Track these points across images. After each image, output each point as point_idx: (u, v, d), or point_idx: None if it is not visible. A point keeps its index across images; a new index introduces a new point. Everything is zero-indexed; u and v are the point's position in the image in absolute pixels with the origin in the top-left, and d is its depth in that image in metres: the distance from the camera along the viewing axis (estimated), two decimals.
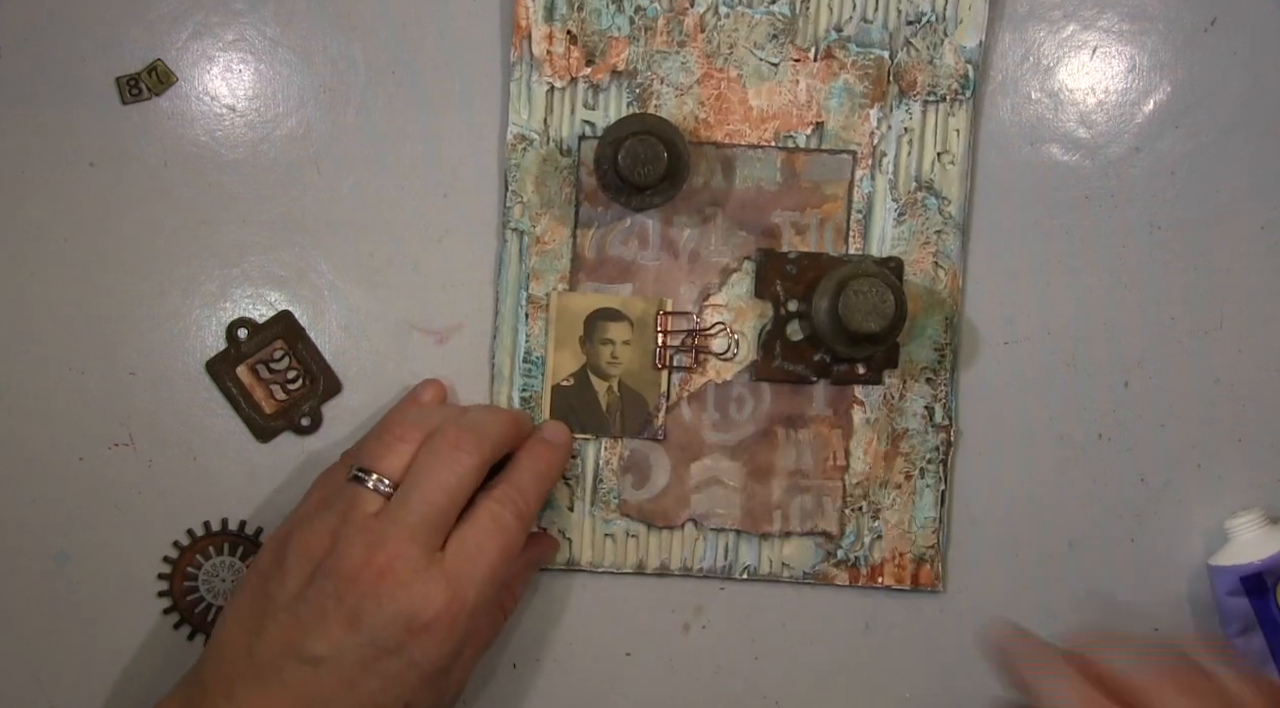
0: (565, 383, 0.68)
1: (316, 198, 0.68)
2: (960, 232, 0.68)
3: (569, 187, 0.68)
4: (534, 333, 0.68)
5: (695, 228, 0.68)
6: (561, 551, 0.69)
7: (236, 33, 0.68)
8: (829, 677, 0.70)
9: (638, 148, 0.63)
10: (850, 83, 0.68)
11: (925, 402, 0.68)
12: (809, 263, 0.68)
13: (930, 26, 0.68)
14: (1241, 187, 0.69)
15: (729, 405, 0.68)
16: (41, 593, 0.69)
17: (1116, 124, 0.69)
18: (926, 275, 0.68)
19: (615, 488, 0.69)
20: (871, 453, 0.69)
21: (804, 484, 0.69)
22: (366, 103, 0.68)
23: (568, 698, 0.70)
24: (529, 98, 0.67)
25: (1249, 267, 0.69)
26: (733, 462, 0.69)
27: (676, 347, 0.68)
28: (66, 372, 0.68)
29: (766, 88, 0.68)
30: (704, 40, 0.67)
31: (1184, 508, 0.70)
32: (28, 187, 0.68)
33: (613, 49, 0.67)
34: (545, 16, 0.67)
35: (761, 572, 0.69)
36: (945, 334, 0.68)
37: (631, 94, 0.68)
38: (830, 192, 0.68)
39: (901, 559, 0.69)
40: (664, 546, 0.69)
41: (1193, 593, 0.70)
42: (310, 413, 0.69)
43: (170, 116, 0.68)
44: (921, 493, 0.69)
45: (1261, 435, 0.70)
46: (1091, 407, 0.69)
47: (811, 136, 0.68)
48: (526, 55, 0.67)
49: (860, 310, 0.63)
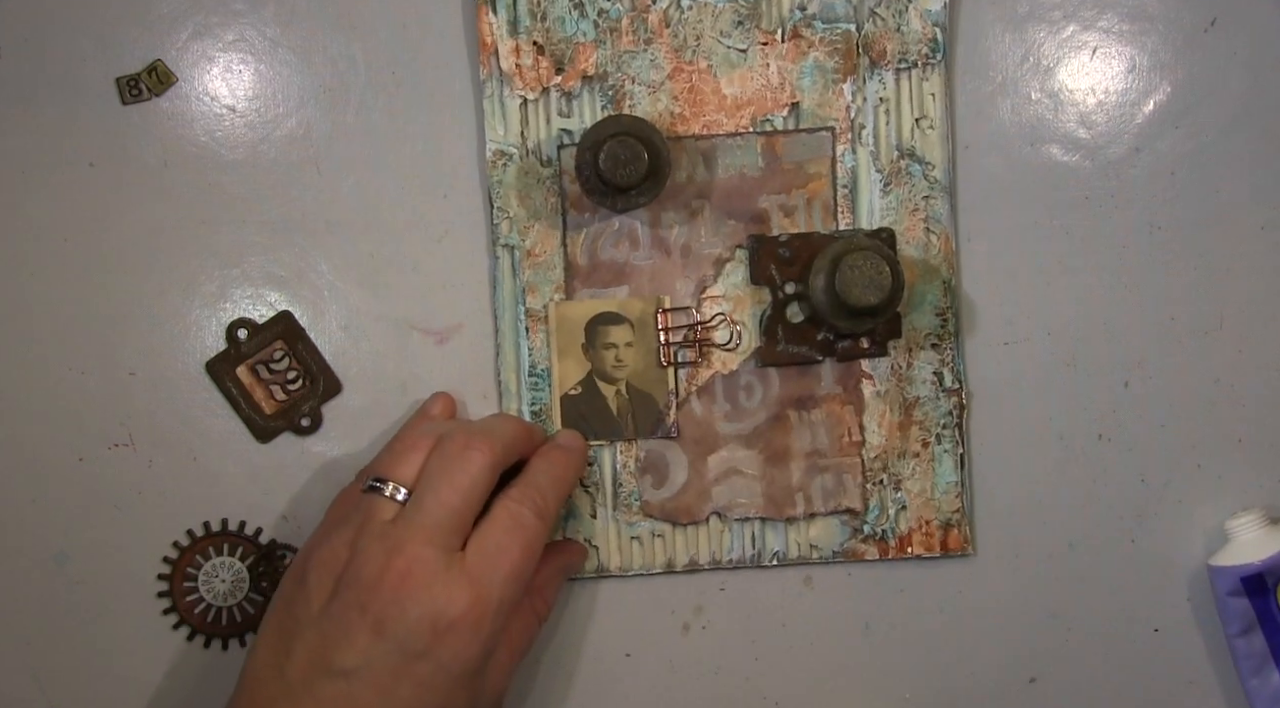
0: (573, 392, 0.68)
1: (316, 198, 0.68)
2: (948, 195, 0.68)
3: (554, 196, 0.68)
4: (536, 345, 0.68)
5: (684, 223, 0.68)
6: (590, 558, 0.69)
7: (236, 33, 0.68)
8: (829, 677, 0.70)
9: (617, 150, 0.63)
10: (820, 60, 0.68)
11: (933, 368, 0.68)
12: (801, 244, 0.68)
13: None
14: (1241, 187, 0.69)
15: (738, 394, 0.68)
16: (41, 593, 0.69)
17: (1116, 124, 0.69)
18: (919, 242, 0.68)
19: (635, 490, 0.69)
20: (886, 425, 0.69)
21: (822, 464, 0.69)
22: (366, 103, 0.68)
23: (568, 698, 0.70)
24: (503, 113, 0.67)
25: (1249, 267, 0.69)
26: (749, 450, 0.69)
27: (679, 343, 0.68)
28: (66, 372, 0.68)
29: (738, 75, 0.68)
30: (670, 35, 0.67)
31: (1184, 508, 0.70)
32: (28, 187, 0.68)
33: (580, 54, 0.67)
34: (510, 31, 0.67)
35: (790, 556, 0.69)
36: (945, 298, 0.68)
37: (604, 97, 0.68)
38: (814, 170, 0.68)
39: (929, 527, 0.69)
40: (690, 542, 0.69)
41: (1193, 593, 0.70)
42: (310, 413, 0.69)
43: (170, 117, 0.68)
44: (940, 459, 0.69)
45: (1261, 435, 0.70)
46: (1091, 407, 0.69)
47: (788, 118, 0.68)
48: (496, 71, 0.67)
49: (858, 285, 0.63)
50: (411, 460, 0.62)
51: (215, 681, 0.69)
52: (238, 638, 0.69)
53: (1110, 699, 0.70)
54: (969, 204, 0.69)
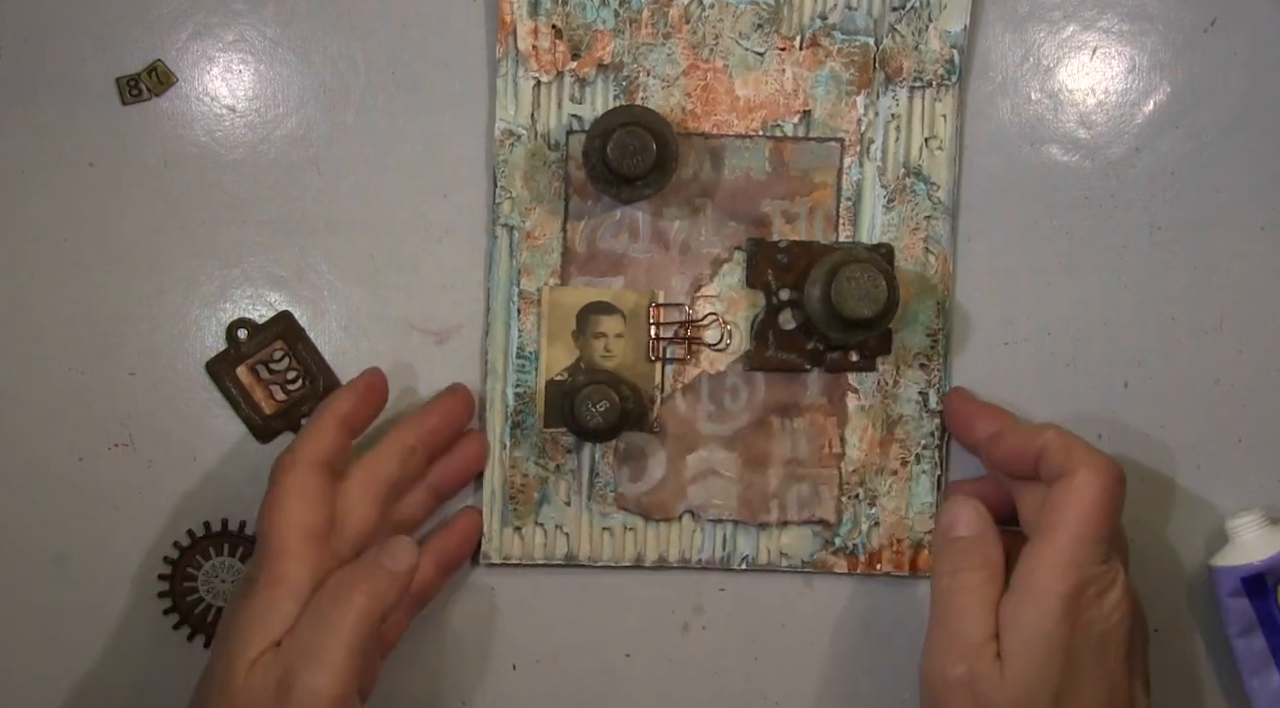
0: (559, 378, 0.68)
1: (316, 198, 0.68)
2: (950, 217, 0.68)
3: (558, 181, 0.68)
4: (526, 328, 0.68)
5: (685, 219, 0.68)
6: (560, 545, 0.69)
7: (236, 33, 0.68)
8: (829, 677, 0.70)
9: (626, 139, 0.63)
10: (836, 70, 0.68)
11: (919, 387, 0.68)
12: (800, 251, 0.68)
13: (915, 12, 0.68)
14: (1241, 187, 0.69)
15: (723, 396, 0.68)
16: (41, 593, 0.69)
17: (1116, 124, 0.69)
18: (917, 261, 0.68)
19: (612, 481, 0.69)
20: (867, 440, 0.69)
21: (800, 473, 0.69)
22: (366, 103, 0.68)
23: (568, 698, 0.70)
24: (515, 93, 0.67)
25: (1249, 267, 0.69)
26: (728, 452, 0.69)
27: (670, 339, 0.68)
28: (66, 372, 0.68)
29: (753, 77, 0.68)
30: (689, 31, 0.67)
31: (1184, 508, 0.70)
32: (28, 187, 0.68)
33: (598, 42, 0.67)
34: (530, 12, 0.67)
35: (760, 562, 0.69)
36: (938, 319, 0.68)
37: (618, 87, 0.68)
38: (819, 179, 0.68)
39: (899, 546, 0.69)
40: (662, 538, 0.69)
41: (1193, 593, 0.70)
42: (310, 413, 0.69)
43: (170, 117, 0.68)
44: (918, 479, 0.69)
45: (1261, 435, 0.70)
46: (1091, 407, 0.69)
47: (799, 125, 0.68)
48: (512, 50, 0.67)
49: (853, 296, 0.63)
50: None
51: None
52: None
53: None
54: (969, 204, 0.69)
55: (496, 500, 0.68)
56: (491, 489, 0.68)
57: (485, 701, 0.70)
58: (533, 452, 0.68)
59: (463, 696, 0.69)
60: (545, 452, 0.68)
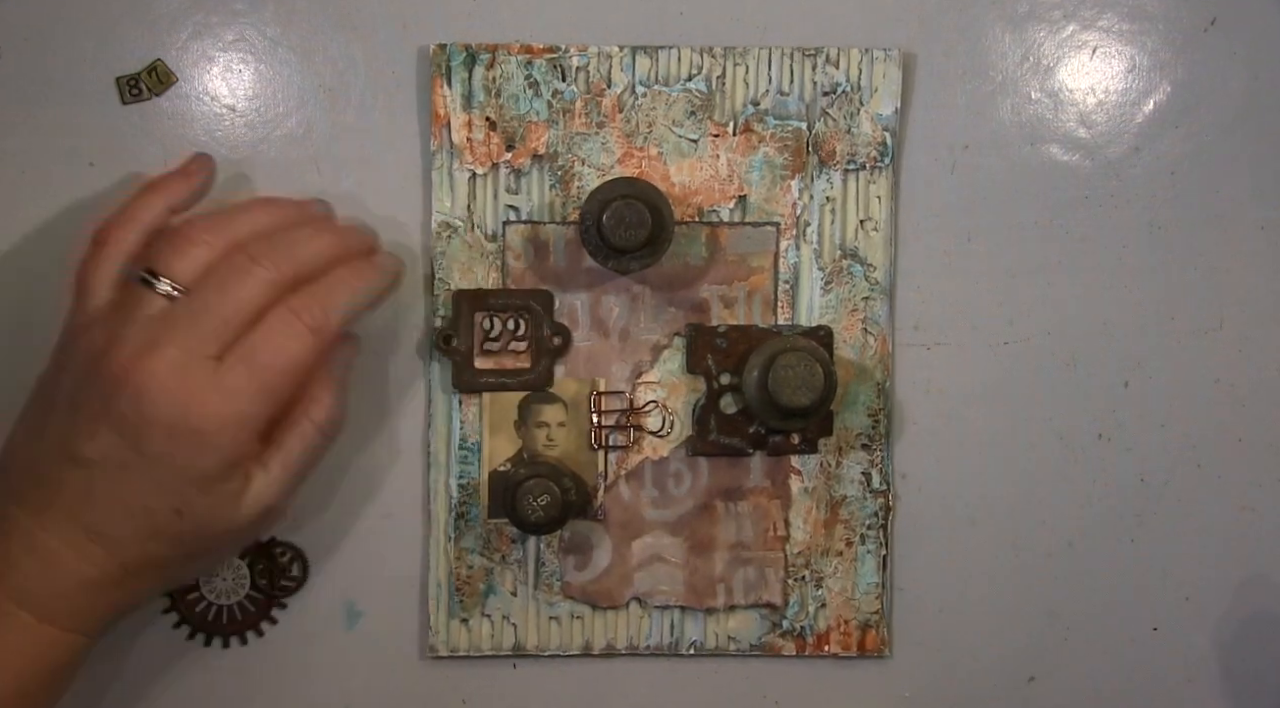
0: (502, 468, 0.68)
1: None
2: (887, 297, 0.68)
3: (496, 272, 0.68)
4: (468, 419, 0.68)
5: (624, 307, 0.68)
6: (507, 636, 0.68)
7: (236, 33, 0.68)
8: (829, 676, 0.70)
9: (624, 211, 0.63)
10: (770, 155, 0.68)
11: (862, 467, 0.68)
12: (739, 336, 0.68)
13: (846, 96, 0.68)
14: (1241, 187, 0.69)
15: (667, 481, 0.68)
16: None
17: (1116, 124, 0.69)
18: (856, 343, 0.68)
19: (558, 570, 0.68)
20: (811, 522, 0.69)
21: (746, 556, 0.69)
22: (366, 103, 0.68)
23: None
24: (451, 185, 0.67)
25: (1249, 267, 0.69)
26: (674, 537, 0.69)
27: (612, 426, 0.68)
28: None
29: (688, 164, 0.68)
30: (623, 120, 0.67)
31: (1184, 508, 0.70)
32: (28, 187, 0.68)
33: (532, 133, 0.67)
34: (464, 105, 0.67)
35: (708, 647, 0.69)
36: (878, 399, 0.68)
37: (554, 177, 0.67)
38: (756, 264, 0.68)
39: (847, 627, 0.69)
40: (609, 626, 0.69)
41: (1193, 593, 0.70)
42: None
43: (170, 116, 0.68)
44: (863, 559, 0.69)
45: (1261, 435, 0.70)
46: (1091, 407, 0.70)
47: (735, 210, 0.68)
48: (446, 143, 0.67)
49: (790, 385, 0.63)
50: (193, 258, 0.60)
51: (215, 680, 0.69)
52: (238, 637, 0.69)
53: (1109, 699, 0.70)
54: (969, 204, 0.69)
55: (442, 593, 0.68)
56: (437, 581, 0.68)
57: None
58: (477, 543, 0.68)
59: (462, 693, 0.70)
60: (490, 543, 0.68)
